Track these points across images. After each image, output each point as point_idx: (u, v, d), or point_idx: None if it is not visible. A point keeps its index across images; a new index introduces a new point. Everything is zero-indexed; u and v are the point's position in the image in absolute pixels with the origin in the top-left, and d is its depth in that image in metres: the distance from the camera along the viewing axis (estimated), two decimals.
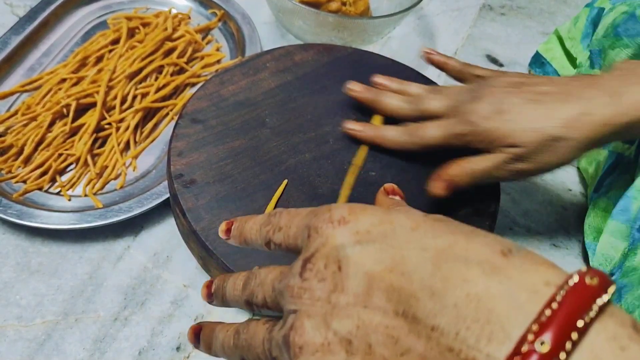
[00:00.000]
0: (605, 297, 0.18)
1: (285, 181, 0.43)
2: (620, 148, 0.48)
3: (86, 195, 0.47)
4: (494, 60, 0.66)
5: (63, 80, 0.53)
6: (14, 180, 0.48)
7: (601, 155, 0.51)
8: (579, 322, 0.18)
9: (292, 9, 0.57)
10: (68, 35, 0.60)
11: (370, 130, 0.45)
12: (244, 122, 0.46)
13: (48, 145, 0.50)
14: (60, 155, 0.49)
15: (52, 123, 0.51)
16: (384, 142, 0.44)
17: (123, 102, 0.53)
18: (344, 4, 0.60)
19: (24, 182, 0.48)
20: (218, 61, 0.59)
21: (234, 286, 0.28)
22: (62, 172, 0.49)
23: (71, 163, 0.49)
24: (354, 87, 0.46)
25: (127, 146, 0.51)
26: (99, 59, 0.56)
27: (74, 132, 0.51)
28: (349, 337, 0.21)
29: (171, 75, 0.56)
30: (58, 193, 0.48)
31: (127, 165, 0.50)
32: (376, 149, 0.45)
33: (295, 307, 0.23)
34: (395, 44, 0.66)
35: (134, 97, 0.53)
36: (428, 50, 0.46)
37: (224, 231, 0.30)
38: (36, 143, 0.49)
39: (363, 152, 0.45)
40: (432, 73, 0.62)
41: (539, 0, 0.74)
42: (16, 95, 0.54)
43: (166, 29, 0.58)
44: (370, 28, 0.59)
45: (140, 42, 0.57)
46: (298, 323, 0.23)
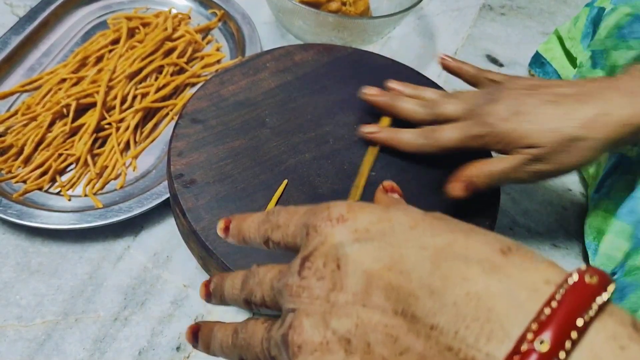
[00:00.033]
0: (605, 296, 0.18)
1: (285, 181, 0.43)
2: (622, 148, 0.48)
3: (86, 195, 0.48)
4: (494, 60, 0.66)
5: (63, 80, 0.53)
6: (14, 180, 0.48)
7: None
8: (579, 321, 0.18)
9: (292, 9, 0.57)
10: (68, 35, 0.60)
11: (385, 132, 0.44)
12: (244, 122, 0.46)
13: (48, 145, 0.50)
14: (60, 155, 0.49)
15: (52, 123, 0.51)
16: (400, 145, 0.43)
17: (123, 102, 0.53)
18: (344, 4, 0.60)
19: (24, 182, 0.48)
20: (218, 61, 0.59)
21: (233, 285, 0.28)
22: (62, 172, 0.49)
23: (71, 163, 0.49)
24: (370, 91, 0.46)
25: (127, 146, 0.51)
26: (99, 59, 0.56)
27: (74, 132, 0.51)
28: (348, 336, 0.21)
29: (171, 75, 0.56)
30: (58, 193, 0.48)
31: (127, 165, 0.50)
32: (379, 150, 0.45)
33: (293, 306, 0.23)
34: (395, 44, 0.66)
35: (134, 97, 0.53)
36: (443, 56, 0.46)
37: (222, 229, 0.29)
38: (36, 143, 0.49)
39: (371, 156, 0.44)
40: (432, 73, 0.62)
41: (539, 0, 0.74)
42: (16, 95, 0.54)
43: (166, 29, 0.58)
44: (370, 28, 0.59)
45: (140, 42, 0.57)
46: (297, 322, 0.22)
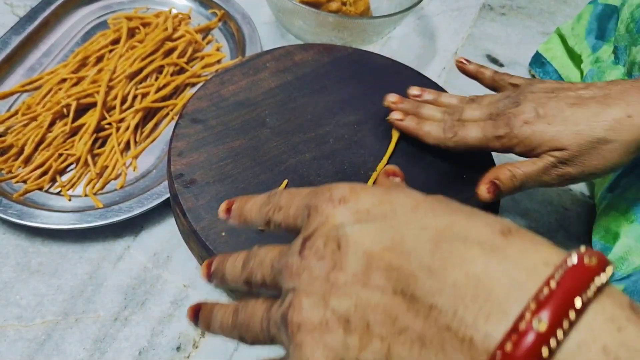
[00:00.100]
0: (603, 277, 0.18)
1: (285, 181, 0.43)
2: None
3: (86, 195, 0.48)
4: (494, 60, 0.66)
5: (63, 80, 0.53)
6: (14, 180, 0.48)
7: None
8: (577, 302, 0.18)
9: (292, 9, 0.57)
10: (68, 35, 0.60)
11: (411, 121, 0.45)
12: (244, 122, 0.46)
13: (48, 145, 0.50)
14: (60, 155, 0.49)
15: (53, 123, 0.51)
16: (423, 136, 0.44)
17: (123, 102, 0.53)
18: (344, 4, 0.60)
19: (24, 182, 0.48)
20: (218, 61, 0.59)
21: (234, 265, 0.28)
22: (63, 172, 0.49)
23: (71, 163, 0.49)
24: (392, 99, 0.46)
25: (127, 146, 0.51)
26: (99, 59, 0.56)
27: (74, 132, 0.51)
28: (347, 316, 0.21)
29: (171, 75, 0.56)
30: (58, 193, 0.48)
31: (127, 165, 0.50)
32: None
33: (293, 286, 0.23)
34: (395, 44, 0.66)
35: (134, 97, 0.53)
36: (461, 59, 0.46)
37: (224, 211, 0.30)
38: (36, 143, 0.49)
39: (394, 142, 0.45)
40: (432, 73, 0.62)
41: (539, 0, 0.74)
42: (16, 95, 0.54)
43: (166, 29, 0.58)
44: (370, 28, 0.59)
45: (140, 42, 0.57)
46: (296, 301, 0.23)
